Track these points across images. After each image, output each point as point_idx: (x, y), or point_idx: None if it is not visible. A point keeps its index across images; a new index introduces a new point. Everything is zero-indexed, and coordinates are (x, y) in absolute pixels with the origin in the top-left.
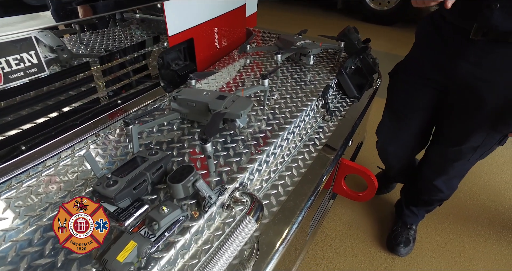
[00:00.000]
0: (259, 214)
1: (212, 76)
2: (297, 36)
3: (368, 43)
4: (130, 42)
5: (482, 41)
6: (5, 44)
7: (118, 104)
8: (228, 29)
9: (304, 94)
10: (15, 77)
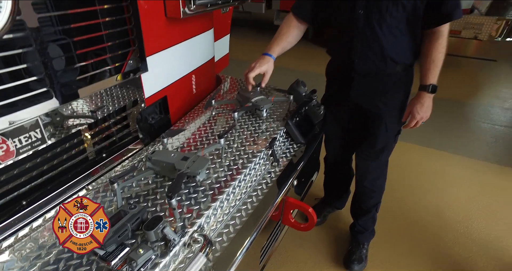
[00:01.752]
0: (208, 250)
1: (181, 133)
2: (255, 90)
3: (314, 93)
4: (112, 107)
5: (360, 76)
6: (19, 128)
7: (104, 158)
8: (198, 81)
9: (255, 145)
10: (24, 150)
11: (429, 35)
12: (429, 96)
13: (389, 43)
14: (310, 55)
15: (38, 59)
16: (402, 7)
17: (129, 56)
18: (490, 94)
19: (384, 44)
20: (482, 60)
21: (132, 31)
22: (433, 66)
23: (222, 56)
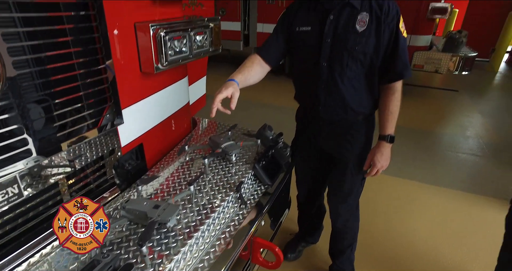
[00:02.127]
0: None
1: (155, 180)
2: (226, 135)
3: (281, 136)
4: (90, 157)
5: (325, 123)
6: None
7: None
8: (173, 127)
9: (224, 189)
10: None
11: (385, 90)
12: (388, 146)
13: (349, 94)
14: (288, 90)
15: (20, 121)
16: (360, 62)
17: (105, 111)
18: (453, 123)
19: (345, 95)
20: (445, 90)
21: (109, 89)
22: (390, 118)
23: (198, 98)
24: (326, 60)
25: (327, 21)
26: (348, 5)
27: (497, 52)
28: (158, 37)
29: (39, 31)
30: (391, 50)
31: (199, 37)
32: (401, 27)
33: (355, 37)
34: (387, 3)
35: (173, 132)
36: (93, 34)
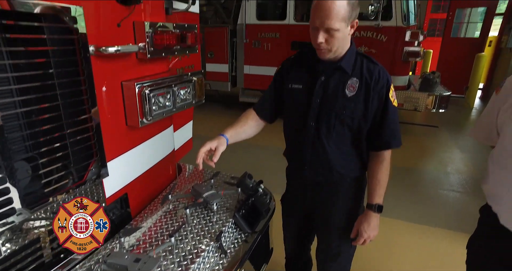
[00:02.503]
0: None
1: (137, 231)
2: (208, 184)
3: (261, 184)
4: None
5: (311, 184)
6: None
7: (62, 259)
8: (158, 175)
9: (205, 239)
10: None
11: (373, 157)
12: (376, 216)
13: (335, 156)
14: (277, 130)
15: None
16: (347, 126)
17: (91, 165)
18: (434, 159)
19: (331, 157)
20: (426, 127)
21: (95, 144)
22: (378, 187)
23: (184, 142)
24: (314, 120)
25: (318, 81)
26: (339, 69)
27: (470, 90)
28: (143, 94)
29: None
30: (380, 118)
31: (183, 91)
32: (391, 96)
33: (344, 101)
34: (377, 71)
35: (157, 180)
36: (82, 96)
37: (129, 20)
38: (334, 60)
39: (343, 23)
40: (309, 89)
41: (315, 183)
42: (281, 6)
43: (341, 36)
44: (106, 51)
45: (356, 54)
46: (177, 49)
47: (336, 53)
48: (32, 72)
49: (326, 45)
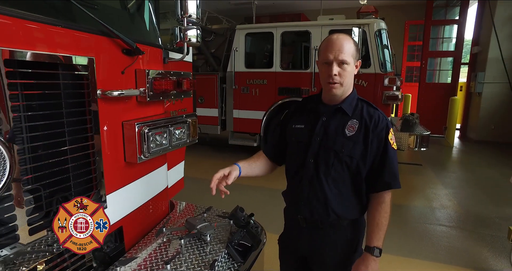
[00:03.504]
0: None
1: (133, 261)
2: (202, 216)
3: (252, 217)
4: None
5: (307, 225)
6: None
7: None
8: (152, 210)
9: (199, 268)
10: None
11: (373, 199)
12: (374, 259)
13: (333, 195)
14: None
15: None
16: (346, 165)
17: (90, 197)
18: (420, 195)
19: (328, 195)
20: (411, 165)
21: (96, 178)
22: (377, 229)
23: (176, 181)
24: (313, 157)
25: (320, 121)
26: (340, 111)
27: (449, 130)
28: (142, 133)
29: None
30: (380, 160)
31: (178, 131)
32: (390, 139)
33: (343, 140)
34: (377, 115)
35: (151, 215)
36: (87, 133)
37: (132, 68)
38: (335, 103)
39: (352, 59)
40: (310, 128)
41: (311, 224)
42: (268, 56)
43: (351, 71)
44: (111, 94)
45: (357, 99)
46: (174, 94)
47: (344, 90)
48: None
49: (339, 78)
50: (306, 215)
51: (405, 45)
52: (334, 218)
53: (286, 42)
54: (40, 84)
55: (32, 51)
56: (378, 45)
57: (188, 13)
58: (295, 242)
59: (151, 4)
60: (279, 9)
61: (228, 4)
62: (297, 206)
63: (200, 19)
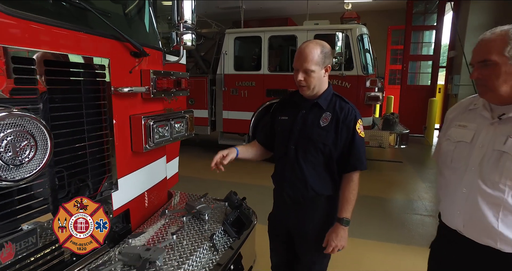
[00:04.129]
0: None
1: (142, 235)
2: (201, 201)
3: (244, 200)
4: None
5: (290, 201)
6: (22, 235)
7: (73, 261)
8: (154, 196)
9: (200, 240)
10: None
11: (344, 178)
12: (343, 228)
13: (310, 175)
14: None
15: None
16: (320, 151)
17: (104, 180)
18: (399, 189)
19: (307, 175)
20: (392, 162)
21: (109, 163)
22: (346, 204)
23: (172, 175)
24: (293, 144)
25: (300, 114)
26: (317, 105)
27: (428, 129)
28: (148, 125)
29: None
30: (348, 146)
31: (178, 125)
32: (357, 129)
33: (318, 130)
34: (347, 108)
35: (153, 201)
36: (102, 124)
37: (137, 68)
38: (313, 98)
39: (317, 66)
40: (292, 120)
41: (295, 200)
42: (256, 59)
43: (317, 77)
44: (122, 91)
45: (332, 94)
46: (174, 92)
47: (314, 91)
48: (67, 103)
49: (305, 83)
50: (290, 192)
51: (388, 49)
52: (312, 194)
53: (273, 46)
54: (68, 82)
55: (64, 53)
56: (360, 49)
57: (184, 19)
58: (281, 217)
59: (151, 8)
60: (267, 14)
61: (216, 8)
62: (282, 185)
63: (195, 25)
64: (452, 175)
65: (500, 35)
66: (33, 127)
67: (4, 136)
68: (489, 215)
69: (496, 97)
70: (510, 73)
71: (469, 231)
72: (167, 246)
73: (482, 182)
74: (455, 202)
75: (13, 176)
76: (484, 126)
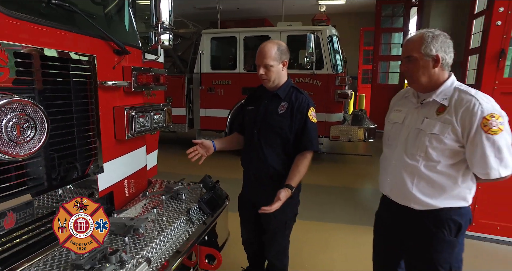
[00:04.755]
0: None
1: (125, 212)
2: (178, 184)
3: (218, 182)
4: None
5: (256, 181)
6: (21, 206)
7: None
8: (135, 182)
9: (177, 214)
10: (20, 220)
11: (299, 156)
12: (287, 190)
13: (270, 155)
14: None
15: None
16: (278, 134)
17: (91, 163)
18: (369, 180)
19: (267, 156)
20: (362, 156)
21: (95, 148)
22: (295, 173)
23: (152, 166)
24: (257, 129)
25: (263, 103)
26: (276, 96)
27: None
28: (129, 115)
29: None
30: (301, 130)
31: (157, 116)
32: (309, 115)
33: (276, 116)
34: (301, 98)
35: (134, 186)
36: (89, 113)
37: (120, 65)
38: (274, 90)
39: (275, 61)
40: (257, 109)
41: (258, 178)
42: (232, 58)
43: (275, 70)
44: (107, 84)
45: (290, 86)
46: (153, 86)
47: (274, 83)
48: (63, 94)
49: (266, 76)
50: (254, 171)
51: (361, 49)
52: (273, 171)
53: (249, 46)
54: (60, 75)
55: (57, 50)
56: (330, 49)
57: (161, 20)
58: (248, 194)
59: (130, 9)
60: (244, 14)
61: (194, 9)
62: (248, 165)
63: (172, 25)
64: (388, 150)
65: (419, 37)
66: (32, 112)
67: (10, 118)
68: (408, 181)
69: (418, 86)
70: (426, 67)
71: (394, 195)
72: (149, 218)
73: (405, 154)
74: (387, 172)
75: (17, 152)
76: (411, 110)
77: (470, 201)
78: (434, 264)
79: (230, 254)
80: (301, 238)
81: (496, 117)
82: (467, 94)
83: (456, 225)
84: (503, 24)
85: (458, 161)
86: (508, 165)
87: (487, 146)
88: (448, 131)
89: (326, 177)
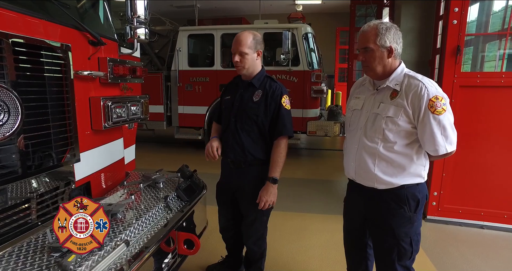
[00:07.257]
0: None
1: (105, 199)
2: (156, 174)
3: (195, 172)
4: (53, 185)
5: (234, 167)
6: None
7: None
8: (112, 173)
9: (155, 202)
10: None
11: (274, 144)
12: (272, 186)
13: (247, 142)
14: None
15: (18, 157)
16: (253, 121)
17: (67, 151)
18: (342, 173)
19: (244, 142)
20: (339, 151)
21: (71, 137)
22: (274, 165)
23: (130, 161)
24: (234, 117)
25: (238, 92)
26: (251, 85)
27: None
28: (106, 105)
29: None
30: (275, 116)
31: (134, 108)
32: (283, 102)
33: (252, 104)
34: (275, 86)
35: (112, 177)
36: (64, 101)
37: (95, 56)
38: (249, 79)
39: (250, 50)
40: (233, 98)
41: (236, 164)
42: (209, 55)
43: (250, 58)
44: (82, 74)
45: (264, 76)
46: (129, 78)
47: (249, 71)
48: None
49: (240, 64)
50: (232, 157)
51: (337, 48)
52: (250, 158)
53: (226, 43)
54: (34, 62)
55: (29, 37)
56: (305, 46)
57: (137, 14)
58: (227, 181)
59: (106, 3)
60: (222, 13)
61: (170, 7)
62: (226, 152)
63: (148, 20)
64: (350, 136)
65: (373, 28)
66: (5, 96)
67: None
68: (370, 163)
69: (374, 75)
70: (381, 57)
71: (359, 177)
72: (126, 204)
73: (365, 138)
74: (350, 156)
75: None
76: (368, 96)
77: (425, 177)
78: (397, 239)
79: (210, 244)
80: (279, 227)
81: (440, 99)
82: (415, 79)
83: (415, 201)
84: (458, 23)
85: (412, 140)
86: (453, 141)
87: (434, 125)
88: (401, 113)
89: (303, 171)
